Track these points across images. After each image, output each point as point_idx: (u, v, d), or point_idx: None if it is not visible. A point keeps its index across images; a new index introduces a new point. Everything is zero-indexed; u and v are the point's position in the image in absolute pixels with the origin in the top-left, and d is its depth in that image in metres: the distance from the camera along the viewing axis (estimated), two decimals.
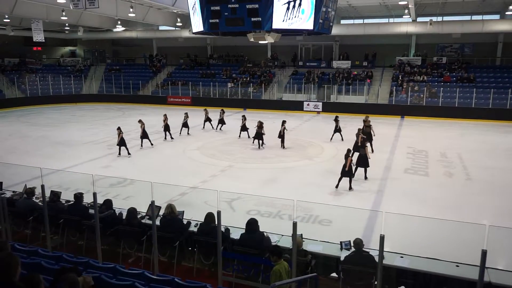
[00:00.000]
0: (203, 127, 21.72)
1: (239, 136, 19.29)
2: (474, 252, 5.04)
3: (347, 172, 11.87)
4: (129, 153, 15.90)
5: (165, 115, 18.93)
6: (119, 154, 15.89)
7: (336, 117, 18.62)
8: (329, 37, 25.85)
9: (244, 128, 19.14)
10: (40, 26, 27.72)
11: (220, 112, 21.20)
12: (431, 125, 23.53)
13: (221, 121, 21.00)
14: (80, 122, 24.60)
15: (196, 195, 10.99)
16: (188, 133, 20.21)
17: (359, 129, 15.11)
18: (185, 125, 19.99)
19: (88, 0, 19.45)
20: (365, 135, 14.89)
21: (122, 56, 41.82)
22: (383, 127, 18.38)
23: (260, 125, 17.14)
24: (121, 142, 15.73)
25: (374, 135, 16.44)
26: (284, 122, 17.25)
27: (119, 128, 15.68)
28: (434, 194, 11.64)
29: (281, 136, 17.14)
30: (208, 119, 21.52)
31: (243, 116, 19.67)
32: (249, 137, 18.75)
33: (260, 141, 17.30)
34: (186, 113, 20.22)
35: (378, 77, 30.68)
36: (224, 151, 17.09)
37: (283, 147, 17.11)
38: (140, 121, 17.15)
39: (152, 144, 17.39)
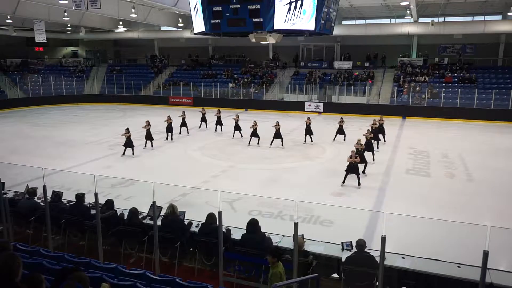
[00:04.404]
0: (199, 127, 21.79)
1: (233, 136, 19.38)
2: (475, 253, 5.04)
3: (351, 169, 12.04)
4: (123, 154, 15.96)
5: (168, 116, 19.00)
6: (123, 154, 16.01)
7: (341, 118, 18.73)
8: (330, 37, 25.86)
9: (237, 127, 19.20)
10: (42, 26, 27.77)
11: (217, 112, 21.19)
12: (432, 126, 23.50)
13: (219, 122, 20.91)
14: (81, 123, 24.64)
15: (197, 196, 11.00)
16: (187, 133, 20.32)
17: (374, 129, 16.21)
18: (183, 124, 20.08)
19: (90, 1, 19.46)
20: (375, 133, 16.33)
21: (124, 57, 41.89)
22: (384, 127, 18.37)
23: (277, 124, 17.50)
24: (128, 143, 15.79)
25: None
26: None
27: (127, 129, 15.84)
28: (435, 195, 11.62)
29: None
30: (203, 119, 21.65)
31: (237, 115, 19.71)
32: (241, 136, 19.05)
33: (280, 140, 17.51)
34: (183, 112, 20.50)
35: (380, 77, 30.66)
36: (226, 151, 17.11)
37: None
38: (147, 121, 17.16)
39: (145, 147, 17.30)
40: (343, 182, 12.30)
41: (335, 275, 6.35)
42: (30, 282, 3.28)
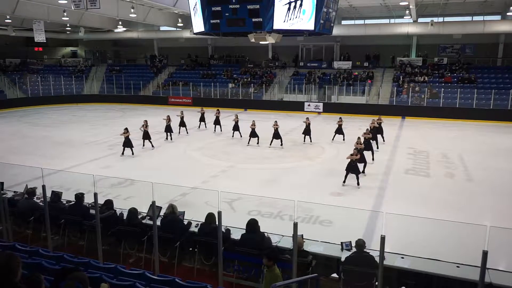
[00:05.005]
0: (199, 127, 21.81)
1: (232, 136, 19.38)
2: (475, 253, 5.04)
3: (351, 168, 12.04)
4: (122, 154, 15.99)
5: (168, 116, 18.98)
6: (122, 154, 16.00)
7: (340, 118, 18.73)
8: (330, 37, 25.82)
9: (236, 127, 19.17)
10: (41, 26, 27.77)
11: (216, 112, 21.21)
12: (432, 126, 23.51)
13: (217, 122, 20.89)
14: (81, 123, 24.62)
15: (196, 196, 10.98)
16: (186, 133, 20.30)
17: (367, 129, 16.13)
18: (182, 124, 20.04)
19: (89, 1, 19.47)
20: (373, 133, 16.30)
21: (123, 57, 41.89)
22: (384, 127, 18.38)
23: (275, 124, 17.50)
24: (127, 143, 15.77)
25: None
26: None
27: (126, 129, 15.84)
28: (435, 195, 11.63)
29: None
30: (202, 119, 21.66)
31: (236, 115, 19.71)
32: (241, 136, 19.02)
33: (279, 140, 17.47)
34: (181, 111, 20.56)
35: (379, 77, 30.67)
36: (225, 151, 17.10)
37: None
38: (145, 121, 17.15)
39: (143, 147, 17.24)
40: (344, 181, 12.30)
41: (335, 275, 6.35)
42: (30, 282, 3.28)
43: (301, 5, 9.41)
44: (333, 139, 18.54)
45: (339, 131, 18.35)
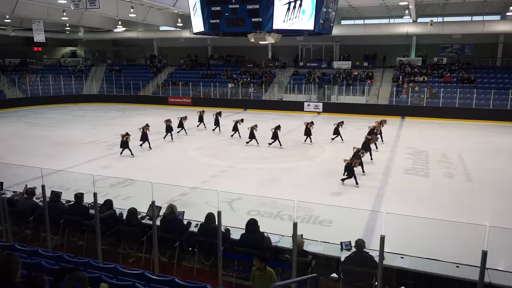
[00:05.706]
0: (197, 126, 21.86)
1: (232, 136, 19.42)
2: (474, 253, 5.05)
3: (348, 170, 12.16)
4: (121, 154, 15.94)
5: (169, 119, 18.96)
6: (121, 153, 15.96)
7: (341, 122, 18.81)
8: (329, 37, 25.83)
9: (235, 128, 19.20)
10: (41, 26, 27.75)
11: (216, 113, 21.25)
12: (431, 126, 23.52)
13: (217, 122, 20.98)
14: (80, 123, 24.60)
15: (196, 196, 10.99)
16: (185, 133, 20.26)
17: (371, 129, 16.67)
18: (180, 125, 20.03)
19: (89, 1, 19.47)
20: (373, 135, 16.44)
21: (123, 57, 41.85)
22: (383, 127, 18.39)
23: (277, 127, 17.48)
24: (124, 145, 15.74)
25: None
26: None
27: (127, 134, 15.82)
28: (434, 195, 11.64)
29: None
30: (201, 119, 21.69)
31: (239, 121, 19.70)
32: (240, 136, 19.04)
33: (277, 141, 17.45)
34: (185, 116, 20.34)
35: (379, 77, 30.68)
36: (225, 151, 17.10)
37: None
38: (147, 124, 17.18)
39: (141, 147, 17.16)
40: (343, 181, 12.33)
41: (334, 275, 6.35)
42: (33, 283, 3.27)
43: (300, 5, 9.39)
44: (332, 140, 18.54)
45: (336, 131, 18.39)
